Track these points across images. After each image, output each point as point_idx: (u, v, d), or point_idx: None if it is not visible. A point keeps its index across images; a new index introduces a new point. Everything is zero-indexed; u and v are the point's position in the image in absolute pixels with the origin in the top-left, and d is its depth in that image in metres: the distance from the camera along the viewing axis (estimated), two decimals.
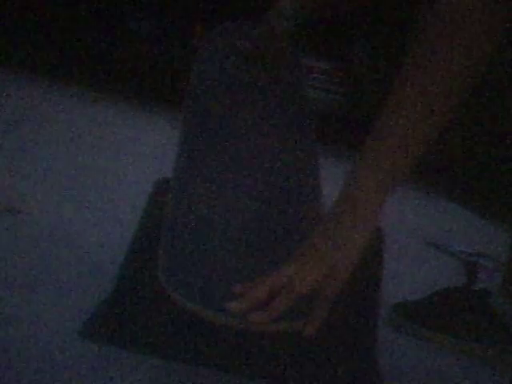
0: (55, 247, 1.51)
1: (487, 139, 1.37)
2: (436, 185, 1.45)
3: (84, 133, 3.12)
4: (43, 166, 2.27)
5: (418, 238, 2.46)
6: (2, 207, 1.66)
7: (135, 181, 2.28)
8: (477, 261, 2.10)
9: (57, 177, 2.17)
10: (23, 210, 1.69)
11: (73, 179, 2.19)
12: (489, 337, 1.44)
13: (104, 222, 1.80)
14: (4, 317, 1.12)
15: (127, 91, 4.79)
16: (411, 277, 1.95)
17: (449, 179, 1.41)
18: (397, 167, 0.93)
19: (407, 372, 1.30)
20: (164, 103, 4.64)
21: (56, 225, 1.67)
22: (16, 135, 2.66)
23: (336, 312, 1.15)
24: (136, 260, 1.17)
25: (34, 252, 1.45)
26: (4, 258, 1.38)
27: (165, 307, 1.14)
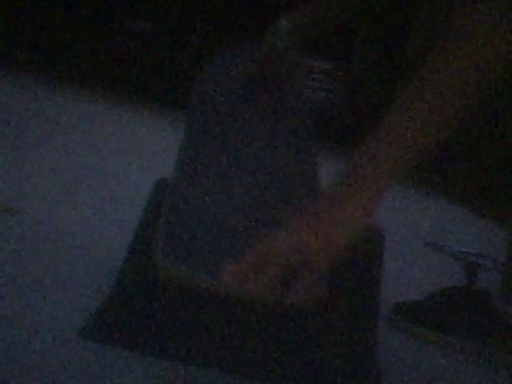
0: (55, 247, 1.51)
1: (487, 139, 1.37)
2: (436, 185, 1.45)
3: (84, 133, 3.12)
4: (43, 166, 2.27)
5: (418, 238, 2.46)
6: (2, 207, 1.66)
7: (135, 181, 2.28)
8: (477, 261, 2.10)
9: (57, 177, 2.17)
10: (23, 210, 1.69)
11: (73, 179, 2.19)
12: (489, 337, 1.45)
13: (104, 222, 1.80)
14: (4, 317, 1.12)
15: (127, 91, 4.79)
16: (411, 277, 1.95)
17: (449, 179, 1.41)
18: (404, 158, 0.98)
19: (407, 372, 1.30)
20: (164, 103, 4.64)
21: (56, 225, 1.67)
22: (16, 135, 2.66)
23: (336, 311, 1.15)
24: (136, 260, 1.17)
25: (34, 252, 1.45)
26: (4, 258, 1.38)
27: (165, 307, 1.14)
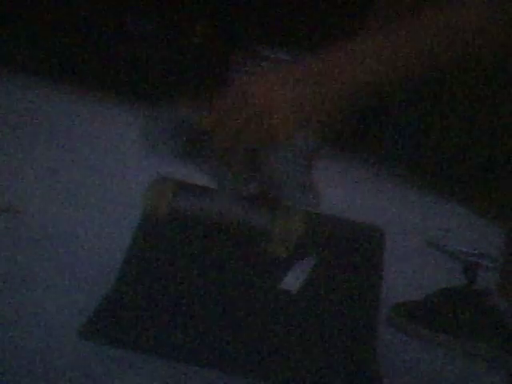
0: (55, 247, 1.51)
1: (487, 139, 1.37)
2: (436, 185, 1.45)
3: (84, 133, 3.12)
4: (43, 166, 2.27)
5: (418, 238, 2.46)
6: (2, 207, 1.66)
7: (135, 181, 2.28)
8: (477, 261, 2.10)
9: (57, 177, 2.17)
10: (23, 210, 1.69)
11: (72, 179, 2.19)
12: (489, 337, 1.44)
13: (103, 222, 1.80)
14: (4, 317, 1.12)
15: (127, 91, 4.79)
16: (411, 277, 1.95)
17: (449, 179, 1.41)
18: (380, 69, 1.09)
19: (407, 372, 1.30)
20: (164, 103, 4.64)
21: (56, 225, 1.67)
22: (16, 135, 2.66)
23: (336, 311, 1.15)
24: (136, 260, 1.17)
25: (34, 252, 1.45)
26: (4, 258, 1.38)
27: (165, 307, 1.14)
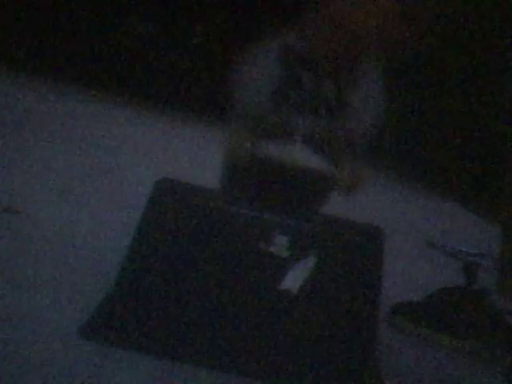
0: (55, 247, 1.51)
1: (487, 139, 1.37)
2: (436, 185, 1.46)
3: (84, 133, 3.12)
4: (43, 166, 2.27)
5: (418, 238, 2.46)
6: (2, 207, 1.66)
7: (135, 181, 2.28)
8: (477, 261, 2.10)
9: (57, 177, 2.17)
10: (23, 210, 1.69)
11: (73, 179, 2.19)
12: (489, 336, 1.45)
13: (104, 222, 1.80)
14: (4, 317, 1.12)
15: (127, 91, 4.79)
16: (411, 277, 1.95)
17: (449, 179, 1.41)
18: None
19: (407, 372, 1.30)
20: (164, 103, 4.64)
21: (56, 225, 1.67)
22: (16, 135, 2.66)
23: (336, 311, 1.15)
24: (136, 260, 1.17)
25: (34, 252, 1.45)
26: (4, 258, 1.38)
27: (164, 307, 1.14)
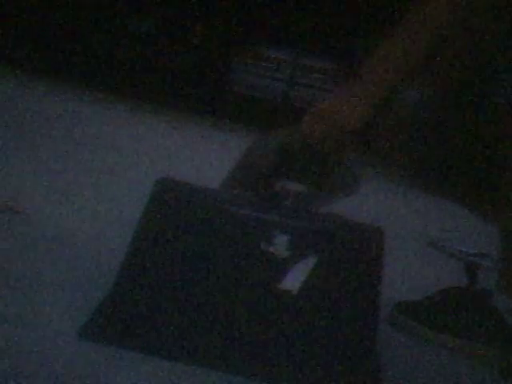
0: (55, 247, 1.51)
1: (487, 140, 1.37)
2: (436, 185, 1.46)
3: (84, 133, 3.12)
4: (43, 166, 2.27)
5: (418, 238, 2.46)
6: (2, 207, 1.66)
7: (135, 181, 2.28)
8: (477, 261, 2.10)
9: (57, 177, 2.17)
10: (23, 210, 1.69)
11: (73, 179, 2.19)
12: (489, 336, 1.44)
13: (104, 222, 1.80)
14: (4, 317, 1.12)
15: (127, 91, 4.78)
16: (411, 277, 1.95)
17: (449, 179, 1.41)
18: (392, 76, 1.27)
19: (407, 372, 1.30)
20: (164, 103, 4.64)
21: (56, 225, 1.67)
22: (16, 135, 2.66)
23: (336, 311, 1.15)
24: (136, 260, 1.17)
25: (34, 252, 1.45)
26: (4, 258, 1.38)
27: (164, 307, 1.14)
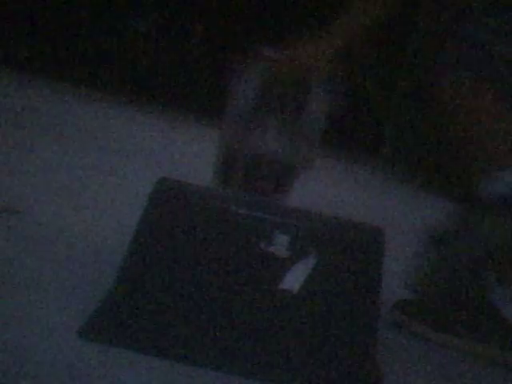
0: (55, 247, 1.51)
1: (486, 140, 1.37)
2: (436, 185, 1.46)
3: (84, 133, 3.12)
4: (43, 166, 2.27)
5: (418, 238, 2.45)
6: (2, 207, 1.66)
7: (135, 181, 2.28)
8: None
9: (57, 177, 2.17)
10: (23, 210, 1.69)
11: (73, 179, 2.20)
12: (489, 336, 1.44)
13: (104, 222, 1.80)
14: (4, 317, 1.12)
15: (127, 91, 4.78)
16: (411, 276, 1.94)
17: (448, 179, 1.41)
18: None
19: (407, 371, 1.30)
20: (164, 103, 4.63)
21: (56, 225, 1.67)
22: (16, 135, 2.66)
23: (336, 311, 1.15)
24: (136, 260, 1.17)
25: (34, 252, 1.45)
26: (4, 258, 1.38)
27: (164, 306, 1.14)
